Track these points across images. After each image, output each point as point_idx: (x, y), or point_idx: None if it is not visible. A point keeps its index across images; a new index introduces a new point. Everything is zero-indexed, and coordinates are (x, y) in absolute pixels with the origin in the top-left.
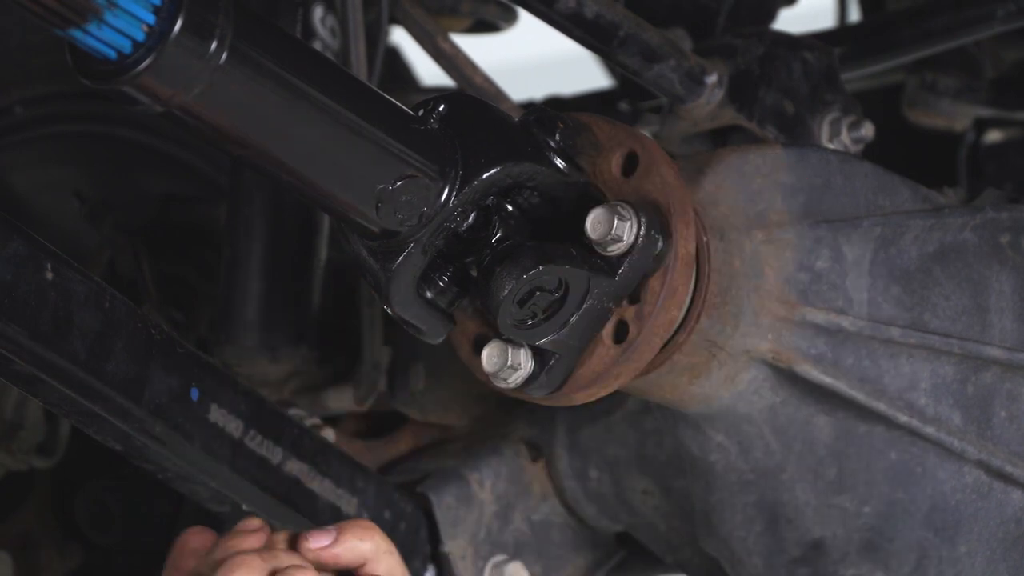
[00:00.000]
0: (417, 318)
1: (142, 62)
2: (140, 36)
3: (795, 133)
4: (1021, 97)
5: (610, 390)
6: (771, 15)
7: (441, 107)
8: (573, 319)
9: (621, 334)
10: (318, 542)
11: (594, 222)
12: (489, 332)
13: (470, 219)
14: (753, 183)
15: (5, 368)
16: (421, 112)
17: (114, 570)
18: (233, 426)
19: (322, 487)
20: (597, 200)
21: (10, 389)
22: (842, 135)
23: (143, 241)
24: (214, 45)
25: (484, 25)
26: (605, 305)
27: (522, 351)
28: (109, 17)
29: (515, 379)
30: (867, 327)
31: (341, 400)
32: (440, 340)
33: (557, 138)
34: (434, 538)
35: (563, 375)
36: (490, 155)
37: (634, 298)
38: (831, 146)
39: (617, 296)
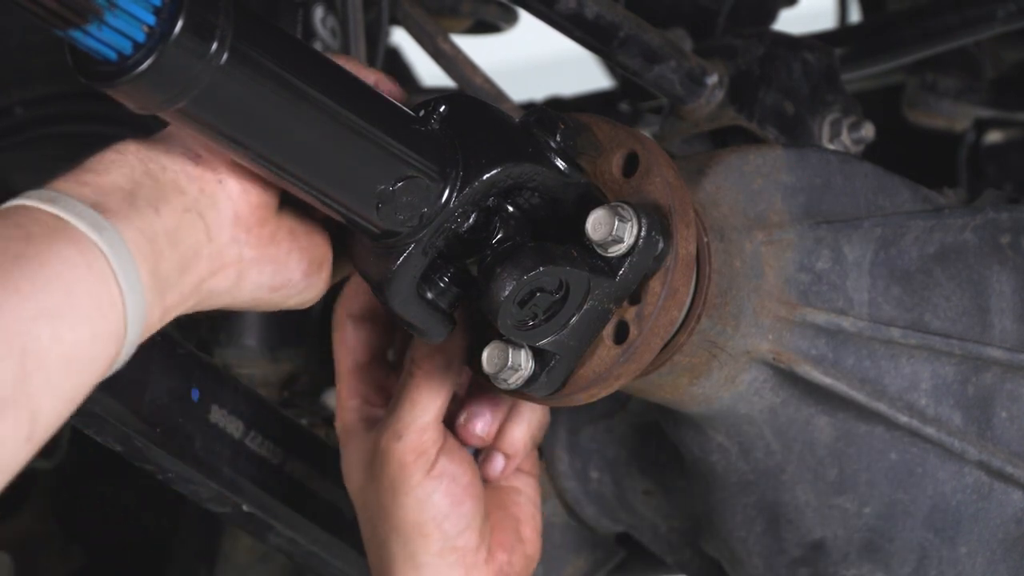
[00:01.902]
0: (417, 318)
1: (142, 63)
2: (140, 37)
3: (795, 134)
4: (1021, 98)
5: (611, 391)
6: (771, 16)
7: (441, 108)
8: (574, 320)
9: (622, 335)
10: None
11: (595, 223)
12: (489, 333)
13: (471, 220)
14: (753, 183)
15: None
16: (422, 113)
17: (115, 571)
18: (233, 427)
19: (323, 487)
20: (598, 201)
21: None
22: (842, 136)
23: None
24: (215, 46)
25: (484, 26)
26: (606, 306)
27: (522, 352)
28: (109, 18)
29: (516, 380)
30: (867, 328)
31: None
32: (441, 341)
33: (558, 139)
34: None
35: (564, 376)
36: (491, 156)
37: (635, 299)
38: (831, 147)
39: (618, 297)
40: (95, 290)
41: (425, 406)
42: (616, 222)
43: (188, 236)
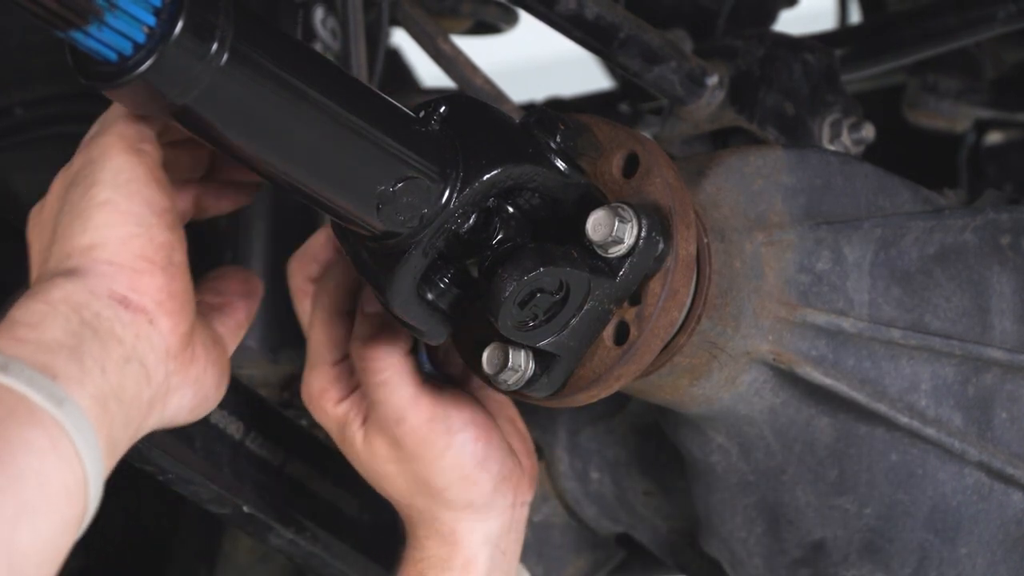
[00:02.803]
0: (418, 320)
1: (142, 64)
2: (140, 38)
3: (796, 134)
4: (1022, 98)
5: (611, 391)
6: (772, 16)
7: (442, 108)
8: (574, 321)
9: (622, 335)
10: None
11: (595, 224)
12: (489, 333)
13: (471, 220)
14: (754, 184)
15: None
16: (422, 113)
17: (115, 571)
18: (234, 427)
19: (323, 487)
20: (598, 202)
21: None
22: (843, 136)
23: None
24: (215, 47)
25: (485, 26)
26: (606, 307)
27: (523, 352)
28: (109, 19)
29: (516, 380)
30: (868, 328)
31: None
32: (441, 342)
33: (558, 139)
34: None
35: (564, 376)
36: (491, 156)
37: (635, 299)
38: (832, 147)
39: (618, 298)
40: (63, 475)
41: (403, 382)
42: (616, 223)
43: (131, 387)
